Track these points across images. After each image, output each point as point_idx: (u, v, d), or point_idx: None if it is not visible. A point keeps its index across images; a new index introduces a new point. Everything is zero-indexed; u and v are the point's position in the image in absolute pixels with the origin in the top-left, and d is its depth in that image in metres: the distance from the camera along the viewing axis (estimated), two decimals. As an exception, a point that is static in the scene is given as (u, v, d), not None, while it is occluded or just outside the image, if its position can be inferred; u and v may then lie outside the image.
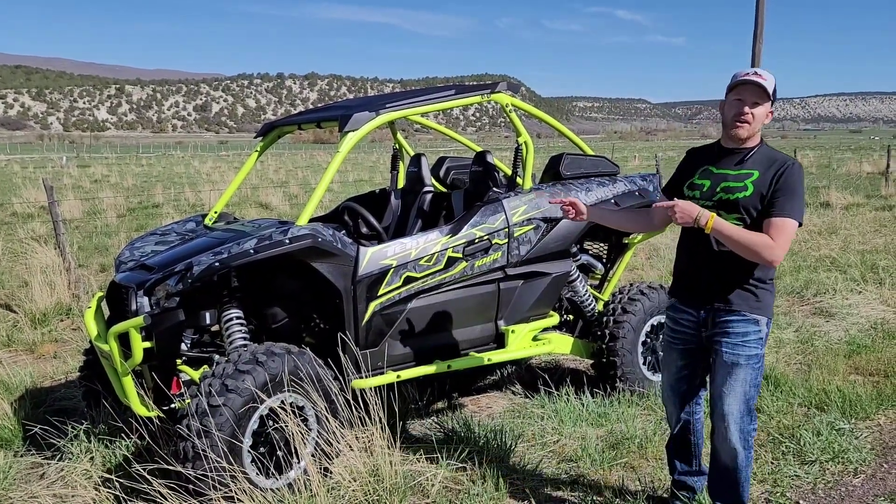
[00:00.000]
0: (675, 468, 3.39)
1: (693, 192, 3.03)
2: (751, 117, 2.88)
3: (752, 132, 2.92)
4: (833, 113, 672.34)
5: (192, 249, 3.98)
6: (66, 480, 3.78)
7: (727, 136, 2.99)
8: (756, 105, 2.88)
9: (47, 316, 7.15)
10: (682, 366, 3.19)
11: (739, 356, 2.96)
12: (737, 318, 2.95)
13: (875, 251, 10.03)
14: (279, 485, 3.48)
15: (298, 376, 3.54)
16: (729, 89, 2.94)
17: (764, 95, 2.86)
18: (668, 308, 3.27)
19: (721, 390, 2.99)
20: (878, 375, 5.27)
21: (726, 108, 2.95)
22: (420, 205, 5.19)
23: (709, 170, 3.03)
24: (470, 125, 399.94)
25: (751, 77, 2.85)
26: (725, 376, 2.98)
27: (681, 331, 3.15)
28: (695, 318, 3.08)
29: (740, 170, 2.94)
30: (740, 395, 2.98)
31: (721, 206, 2.92)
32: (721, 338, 2.98)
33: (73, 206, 15.32)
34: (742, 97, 2.89)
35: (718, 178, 2.97)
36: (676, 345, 3.18)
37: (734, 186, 2.92)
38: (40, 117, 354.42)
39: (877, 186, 19.35)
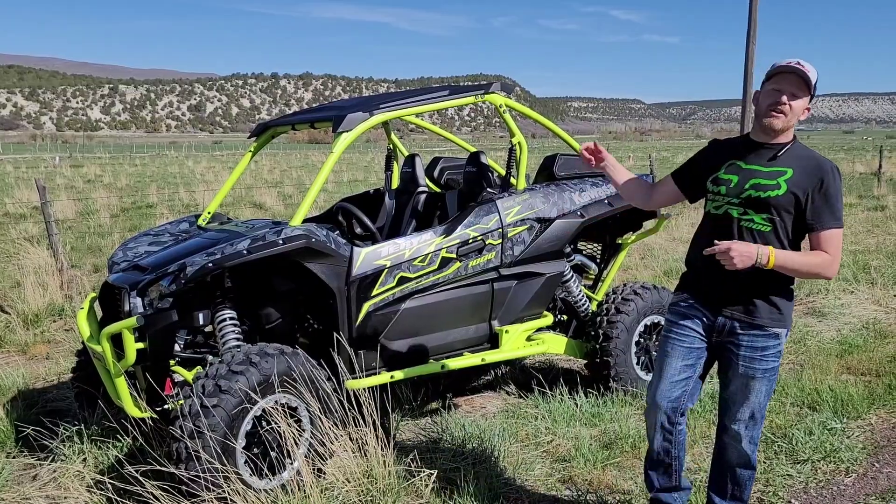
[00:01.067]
0: (654, 484, 3.14)
1: (718, 188, 2.82)
2: (787, 108, 2.67)
3: (788, 125, 2.71)
4: (826, 113, 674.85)
5: (186, 250, 3.97)
6: (59, 482, 3.77)
7: (759, 128, 2.78)
8: (794, 97, 2.67)
9: (40, 317, 7.12)
10: (683, 367, 2.93)
11: (756, 370, 2.81)
12: (758, 333, 2.79)
13: (867, 251, 10.08)
14: (272, 486, 3.47)
15: (292, 377, 3.53)
16: (767, 77, 2.73)
17: (804, 87, 2.67)
18: (674, 304, 3.00)
19: (735, 398, 2.89)
20: (869, 375, 5.30)
21: (762, 97, 2.75)
22: (414, 205, 5.19)
23: (736, 164, 2.80)
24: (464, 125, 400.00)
25: (793, 65, 2.65)
26: (740, 386, 2.86)
27: (689, 329, 2.92)
28: (709, 321, 2.89)
29: (773, 167, 2.73)
30: (754, 405, 2.88)
31: (749, 204, 2.73)
32: (738, 350, 2.83)
33: (66, 206, 15.26)
34: (780, 87, 2.67)
35: (748, 175, 2.76)
36: (681, 343, 2.93)
37: (766, 184, 2.71)
38: (33, 117, 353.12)
39: (869, 187, 19.45)
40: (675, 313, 2.98)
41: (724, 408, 2.95)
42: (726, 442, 2.99)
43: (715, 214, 2.84)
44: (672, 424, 3.00)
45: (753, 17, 13.16)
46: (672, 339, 2.96)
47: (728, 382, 2.90)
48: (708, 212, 2.89)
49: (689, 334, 2.92)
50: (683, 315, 2.94)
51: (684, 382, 2.95)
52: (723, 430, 2.99)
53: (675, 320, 2.97)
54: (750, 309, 2.78)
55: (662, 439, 3.03)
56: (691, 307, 2.92)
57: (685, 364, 2.93)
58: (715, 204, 2.84)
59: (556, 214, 4.60)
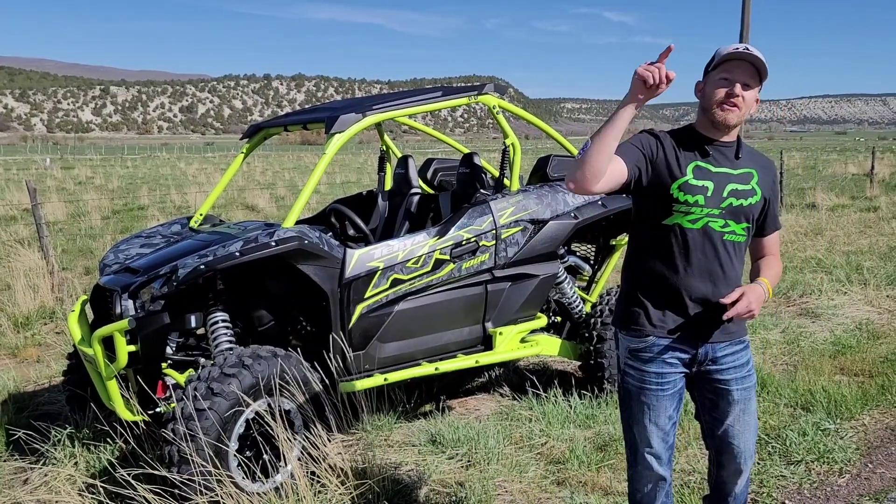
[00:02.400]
0: None
1: (692, 198, 2.35)
2: (741, 101, 2.32)
3: (741, 120, 2.37)
4: (819, 115, 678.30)
5: (178, 252, 3.95)
6: (50, 486, 3.74)
7: (709, 123, 2.39)
8: (747, 87, 2.33)
9: (30, 319, 7.08)
10: (673, 413, 2.51)
11: (749, 389, 2.52)
12: (739, 348, 2.50)
13: (860, 252, 10.12)
14: (266, 489, 3.46)
15: (285, 379, 3.52)
16: (714, 66, 2.35)
17: (756, 77, 2.33)
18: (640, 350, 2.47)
19: (735, 430, 2.52)
20: (862, 376, 5.31)
21: (709, 87, 2.36)
22: (407, 206, 5.18)
23: (705, 168, 2.38)
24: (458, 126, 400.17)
25: (743, 52, 2.28)
26: (739, 414, 2.51)
27: (672, 374, 2.47)
28: (690, 355, 2.46)
29: (741, 168, 2.41)
30: (754, 428, 2.56)
31: (730, 214, 2.38)
32: (727, 375, 2.48)
33: (57, 208, 15.18)
34: (732, 76, 2.32)
35: (722, 180, 2.38)
36: (665, 392, 2.47)
37: (743, 190, 2.39)
38: (23, 118, 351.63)
39: (862, 188, 19.54)
40: (645, 360, 2.46)
41: (722, 446, 2.56)
42: (727, 480, 2.62)
43: (689, 229, 2.37)
44: (668, 469, 2.57)
45: (746, 18, 13.21)
46: (653, 391, 2.47)
47: (722, 417, 2.51)
48: (674, 226, 2.38)
49: (669, 379, 2.47)
50: (657, 359, 2.45)
51: (674, 427, 2.55)
52: (720, 468, 2.61)
53: (649, 368, 2.46)
54: (725, 328, 2.45)
55: (665, 496, 2.59)
56: (664, 348, 2.44)
57: (674, 410, 2.52)
58: (690, 217, 2.36)
59: (549, 216, 4.60)
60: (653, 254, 2.44)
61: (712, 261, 2.39)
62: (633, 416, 2.53)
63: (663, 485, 2.55)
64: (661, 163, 2.39)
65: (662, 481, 2.55)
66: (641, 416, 2.50)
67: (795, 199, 16.86)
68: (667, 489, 2.58)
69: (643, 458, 2.54)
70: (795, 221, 13.08)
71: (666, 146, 2.42)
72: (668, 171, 2.38)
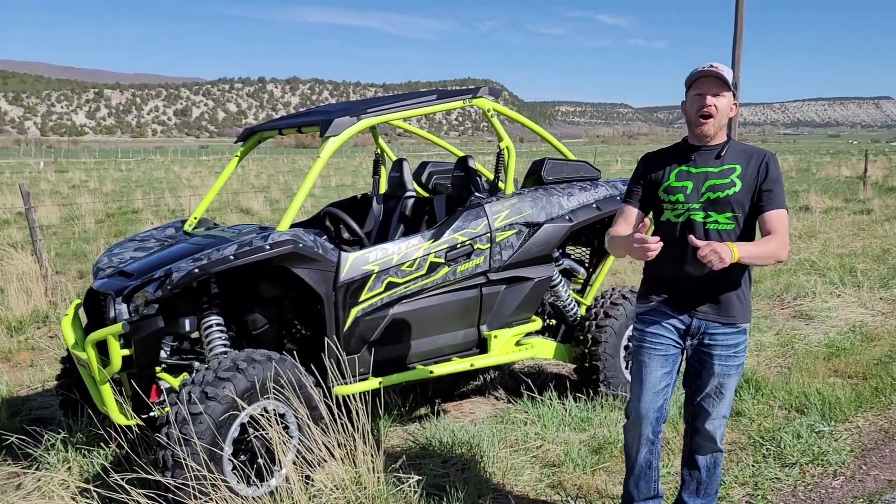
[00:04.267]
0: (633, 497, 3.13)
1: (674, 197, 2.84)
2: (714, 109, 2.76)
3: (719, 126, 2.81)
4: (812, 117, 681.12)
5: (172, 255, 3.94)
6: (44, 490, 3.72)
7: (694, 135, 2.86)
8: (717, 96, 2.76)
9: (24, 323, 7.05)
10: (662, 375, 2.94)
11: (731, 367, 2.90)
12: (731, 331, 2.86)
13: (854, 254, 10.15)
14: (260, 493, 3.44)
15: (279, 383, 3.51)
16: (688, 86, 2.83)
17: (724, 86, 2.76)
18: (643, 313, 2.99)
19: (711, 399, 2.94)
20: (856, 378, 5.32)
21: (688, 105, 2.84)
22: (402, 210, 5.18)
23: (686, 171, 2.85)
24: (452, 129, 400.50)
25: (707, 69, 2.76)
26: (716, 387, 2.92)
27: (664, 337, 2.92)
28: (683, 325, 2.90)
29: (721, 165, 2.81)
30: (728, 403, 2.97)
31: (711, 206, 2.79)
32: (713, 350, 2.88)
33: (51, 211, 15.14)
34: (702, 90, 2.77)
35: (701, 178, 2.81)
36: (657, 351, 2.93)
37: (721, 184, 2.78)
38: (17, 122, 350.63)
39: (855, 190, 19.62)
40: (645, 322, 2.97)
41: (698, 411, 2.99)
42: (700, 443, 3.05)
43: (676, 223, 2.84)
44: (655, 435, 3.01)
45: (740, 22, 13.26)
46: (647, 348, 2.95)
47: (703, 385, 2.94)
48: (667, 220, 2.88)
49: (663, 342, 2.92)
50: (655, 323, 2.94)
51: (665, 391, 2.96)
52: (695, 433, 3.05)
53: (648, 329, 2.95)
54: (722, 307, 2.84)
55: (647, 452, 3.03)
56: (662, 314, 2.92)
57: (664, 372, 2.94)
58: (675, 212, 2.85)
59: (544, 219, 4.60)
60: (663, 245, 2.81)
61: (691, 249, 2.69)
62: (633, 375, 3.03)
63: (648, 437, 2.99)
64: (648, 178, 2.95)
65: (648, 433, 2.99)
66: (638, 372, 2.98)
67: (789, 202, 16.81)
68: (653, 442, 3.01)
69: (634, 410, 3.00)
70: (790, 224, 13.13)
71: (651, 164, 2.97)
72: (655, 181, 2.92)
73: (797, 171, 31.87)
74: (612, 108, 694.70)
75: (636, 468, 3.07)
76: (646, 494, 3.13)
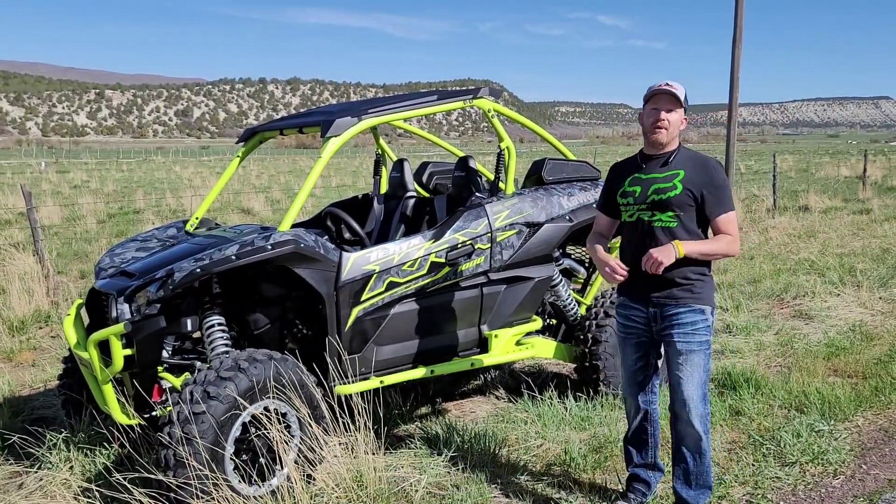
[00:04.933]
0: (632, 459, 3.52)
1: (626, 200, 3.26)
2: (667, 123, 3.16)
3: (671, 137, 3.20)
4: (811, 118, 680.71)
5: (174, 255, 3.95)
6: (46, 490, 3.73)
7: (648, 144, 3.25)
8: (670, 111, 3.16)
9: (25, 323, 7.06)
10: (637, 357, 3.39)
11: (692, 343, 3.19)
12: (684, 310, 3.19)
13: (853, 254, 10.16)
14: (262, 492, 3.46)
15: (281, 383, 3.52)
16: (645, 101, 3.23)
17: (676, 102, 3.17)
18: (618, 305, 3.44)
19: (679, 377, 3.21)
20: (856, 377, 5.33)
21: (644, 117, 3.23)
22: (403, 210, 5.19)
23: (637, 177, 3.26)
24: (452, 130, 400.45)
25: (663, 87, 3.16)
26: (682, 364, 3.20)
27: (633, 326, 3.35)
28: (644, 313, 3.29)
29: (666, 171, 3.20)
30: (697, 381, 3.21)
31: (654, 206, 3.18)
32: (672, 329, 3.21)
33: (52, 211, 15.15)
34: (657, 105, 3.17)
35: (648, 183, 3.22)
36: (630, 339, 3.38)
37: (664, 187, 3.17)
38: (18, 122, 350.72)
39: (854, 190, 19.62)
40: (619, 315, 3.44)
41: (673, 392, 3.27)
42: (681, 430, 3.27)
43: (630, 222, 3.28)
44: (646, 404, 3.44)
45: (739, 22, 13.25)
46: (622, 336, 3.43)
47: (671, 364, 3.25)
48: (624, 221, 3.33)
49: (633, 331, 3.36)
50: (625, 315, 3.38)
51: (643, 370, 3.41)
52: (677, 420, 3.28)
53: (621, 321, 3.43)
54: (671, 294, 3.20)
55: (641, 419, 3.46)
56: (629, 307, 3.35)
57: (638, 356, 3.39)
58: (628, 213, 3.28)
59: (544, 219, 4.61)
60: (624, 243, 3.37)
61: (650, 243, 3.16)
62: (620, 355, 3.54)
63: (637, 410, 3.45)
64: (613, 185, 3.38)
65: (636, 408, 3.44)
66: (621, 354, 3.49)
67: (788, 202, 16.92)
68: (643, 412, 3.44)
69: (622, 386, 3.55)
70: (788, 224, 13.15)
71: (617, 172, 3.41)
72: (615, 188, 3.36)
73: (796, 172, 31.86)
74: (612, 109, 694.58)
75: (631, 429, 3.51)
76: (644, 460, 3.49)
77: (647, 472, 3.50)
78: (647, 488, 3.49)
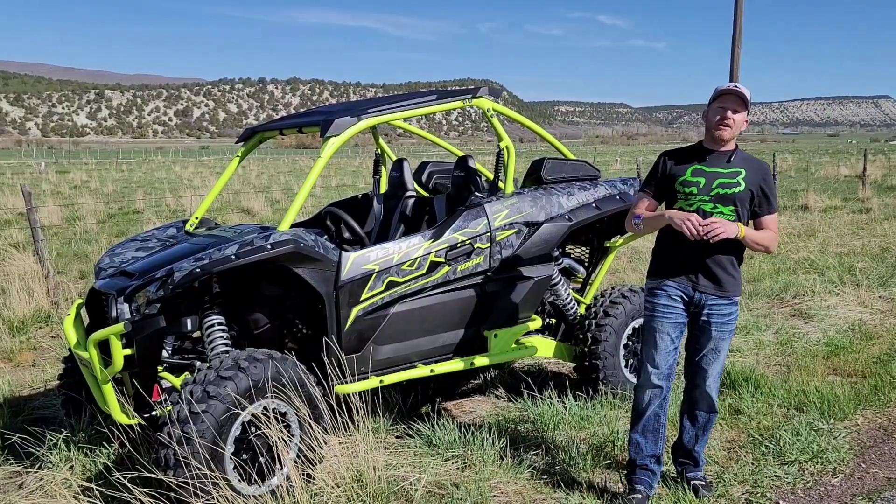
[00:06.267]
0: (642, 450, 3.56)
1: (689, 189, 3.38)
2: (732, 122, 3.33)
3: (733, 135, 3.39)
4: (811, 117, 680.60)
5: (174, 255, 3.95)
6: (46, 490, 3.73)
7: (711, 139, 3.42)
8: (736, 112, 3.34)
9: (25, 323, 7.06)
10: (672, 339, 3.49)
11: (724, 332, 3.46)
12: (726, 302, 3.43)
13: (853, 253, 10.17)
14: (262, 491, 3.46)
15: (281, 382, 3.52)
16: (712, 99, 3.38)
17: (742, 104, 3.34)
18: (654, 287, 3.52)
19: (708, 359, 3.50)
20: (855, 376, 5.34)
21: (710, 114, 3.40)
22: (402, 209, 5.19)
23: (700, 168, 3.40)
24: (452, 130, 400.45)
25: (731, 88, 3.34)
26: (712, 350, 3.48)
27: (673, 306, 3.47)
28: (688, 297, 3.45)
29: (730, 168, 3.38)
30: (721, 362, 3.54)
31: (718, 199, 3.35)
32: (711, 318, 3.44)
33: (52, 212, 15.15)
34: (725, 105, 3.34)
35: (713, 176, 3.37)
36: (668, 319, 3.47)
37: (729, 182, 3.35)
38: (18, 122, 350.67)
39: (854, 189, 19.62)
40: (657, 295, 3.51)
41: (696, 370, 3.55)
42: (698, 399, 3.60)
43: (689, 211, 3.36)
44: (666, 390, 3.55)
45: (739, 22, 13.27)
46: (659, 316, 3.49)
47: (701, 348, 3.50)
48: (680, 209, 3.41)
49: (673, 311, 3.47)
50: (666, 295, 3.48)
51: (674, 352, 3.53)
52: (694, 388, 3.60)
53: (659, 301, 3.50)
54: (718, 283, 3.41)
55: (658, 406, 3.54)
56: (671, 288, 3.46)
57: (674, 336, 3.50)
58: (688, 202, 3.39)
59: (544, 218, 4.62)
60: (669, 228, 3.42)
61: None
62: (646, 340, 3.56)
63: (659, 392, 3.52)
64: (667, 172, 3.50)
65: (658, 389, 3.51)
66: (651, 337, 3.51)
67: (788, 201, 16.93)
68: (662, 397, 3.53)
69: (646, 371, 3.52)
70: (788, 223, 13.14)
71: (669, 160, 3.53)
72: (673, 175, 3.47)
73: (796, 171, 31.86)
74: (612, 108, 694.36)
75: (644, 418, 3.55)
76: (652, 451, 3.56)
77: (653, 463, 3.56)
78: (653, 478, 3.56)
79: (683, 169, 3.44)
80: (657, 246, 3.59)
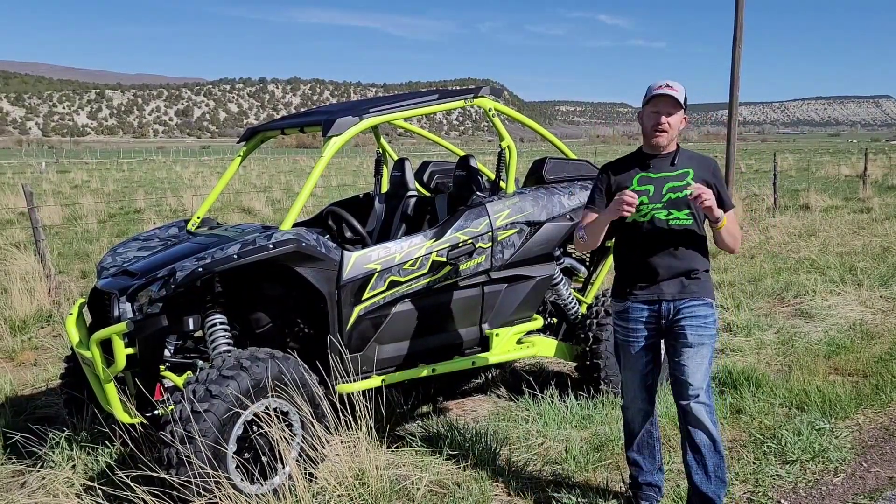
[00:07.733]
0: (642, 468, 3.47)
1: (640, 199, 3.13)
2: (668, 126, 3.14)
3: (671, 139, 3.19)
4: (812, 117, 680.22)
5: (175, 255, 3.96)
6: (48, 489, 3.74)
7: (649, 145, 3.22)
8: (670, 114, 3.13)
9: (27, 323, 7.07)
10: (648, 360, 3.33)
11: (703, 336, 3.19)
12: (699, 304, 3.20)
13: (853, 253, 10.16)
14: (264, 490, 3.46)
15: (283, 381, 3.53)
16: (645, 102, 3.19)
17: (677, 105, 3.13)
18: (620, 311, 3.34)
19: (688, 370, 3.18)
20: (856, 375, 5.34)
21: (645, 119, 3.20)
22: (404, 209, 5.20)
23: (647, 176, 3.21)
24: (453, 129, 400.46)
25: (664, 90, 3.12)
26: (692, 356, 3.18)
27: (641, 329, 3.28)
28: (654, 312, 3.25)
29: (676, 170, 3.18)
30: (705, 371, 3.21)
31: (671, 205, 3.16)
32: (686, 322, 3.18)
33: (53, 211, 15.16)
34: (658, 109, 3.14)
35: (661, 181, 3.18)
36: (639, 342, 3.30)
37: (679, 186, 3.15)
38: (19, 122, 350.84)
39: (854, 189, 19.60)
40: (624, 319, 3.33)
41: (681, 386, 3.22)
42: (692, 423, 3.22)
43: (642, 222, 3.19)
44: (650, 405, 3.42)
45: (739, 22, 13.26)
46: (631, 341, 3.32)
47: (680, 357, 3.20)
48: (633, 221, 3.20)
49: (642, 333, 3.29)
50: (634, 318, 3.29)
51: (652, 371, 3.37)
52: (685, 414, 3.23)
53: (628, 325, 3.32)
54: (686, 287, 3.20)
55: (648, 423, 3.44)
56: (637, 309, 3.28)
57: (648, 359, 3.33)
58: (640, 213, 3.17)
59: (545, 218, 4.62)
60: (625, 244, 3.30)
61: (668, 241, 3.17)
62: (622, 362, 3.43)
63: (645, 411, 3.41)
64: (611, 186, 3.28)
65: (642, 410, 3.40)
66: (626, 361, 3.38)
67: (789, 201, 16.92)
68: (650, 419, 3.42)
69: (628, 393, 3.43)
70: (789, 223, 13.14)
71: (613, 173, 3.32)
72: (618, 187, 3.23)
73: (797, 171, 31.84)
74: (612, 108, 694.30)
75: (638, 437, 3.46)
76: (651, 465, 3.47)
77: (655, 476, 3.49)
78: (658, 492, 3.49)
79: (629, 178, 3.23)
80: (616, 260, 3.40)
